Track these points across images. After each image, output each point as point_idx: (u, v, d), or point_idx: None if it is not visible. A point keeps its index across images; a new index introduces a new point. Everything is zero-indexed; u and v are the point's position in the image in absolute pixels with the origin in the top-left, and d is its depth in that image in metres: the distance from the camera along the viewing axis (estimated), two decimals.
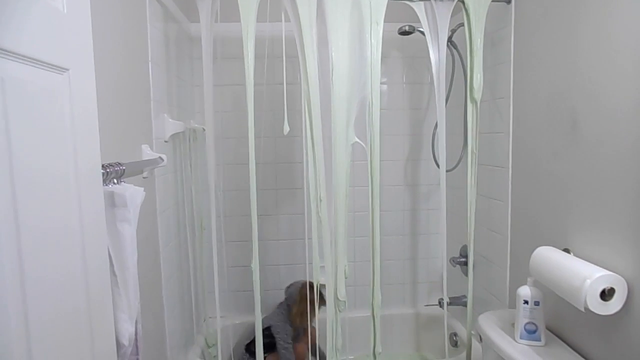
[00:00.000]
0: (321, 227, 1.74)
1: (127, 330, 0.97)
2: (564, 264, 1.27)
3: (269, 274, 2.58)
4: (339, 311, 1.79)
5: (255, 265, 1.73)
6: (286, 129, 1.72)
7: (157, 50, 1.72)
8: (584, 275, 1.16)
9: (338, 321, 1.80)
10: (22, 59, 0.64)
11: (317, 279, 1.79)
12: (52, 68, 0.73)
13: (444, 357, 1.98)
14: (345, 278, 1.79)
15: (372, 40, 1.69)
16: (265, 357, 1.91)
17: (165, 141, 1.81)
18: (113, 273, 0.96)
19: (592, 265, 1.22)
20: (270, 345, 2.11)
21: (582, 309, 1.16)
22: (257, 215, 1.72)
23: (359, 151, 1.85)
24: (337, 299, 1.78)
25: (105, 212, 0.94)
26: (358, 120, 1.75)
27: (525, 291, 1.42)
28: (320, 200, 1.73)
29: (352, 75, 1.72)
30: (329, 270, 1.77)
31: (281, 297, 2.34)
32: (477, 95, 1.79)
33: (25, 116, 0.65)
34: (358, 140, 1.74)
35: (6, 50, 0.61)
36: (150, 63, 1.63)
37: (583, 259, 1.30)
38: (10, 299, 0.59)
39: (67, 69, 0.77)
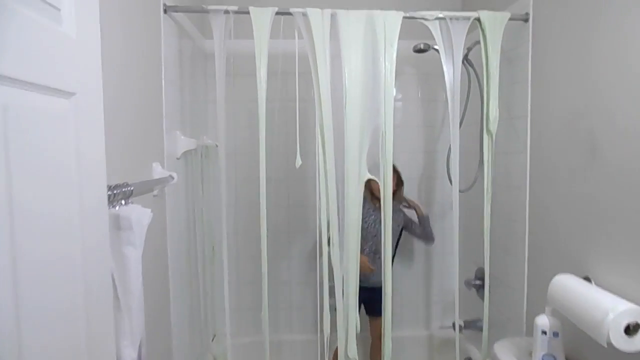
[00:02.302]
0: (332, 270, 1.72)
1: (129, 356, 0.95)
2: (584, 294, 1.21)
3: (280, 292, 2.54)
4: None
5: (264, 314, 1.71)
6: (298, 162, 1.70)
7: (170, 67, 1.73)
8: (607, 308, 1.10)
9: None
10: (27, 86, 0.64)
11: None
12: (57, 93, 0.72)
13: None
14: (357, 333, 1.75)
15: (386, 63, 1.67)
16: None
17: (177, 158, 1.80)
18: (116, 297, 0.94)
19: (615, 296, 1.16)
20: None
21: (605, 345, 1.09)
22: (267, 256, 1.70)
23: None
24: (347, 356, 1.73)
25: (109, 236, 0.93)
26: (370, 148, 1.72)
27: (543, 321, 1.36)
28: (333, 244, 1.70)
29: (365, 101, 1.69)
30: (339, 324, 1.73)
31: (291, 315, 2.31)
32: (493, 127, 1.75)
33: (28, 143, 0.64)
34: (370, 176, 1.71)
35: (10, 78, 0.60)
36: (163, 80, 1.63)
37: (605, 289, 1.24)
38: (4, 324, 0.57)
39: (74, 94, 0.76)
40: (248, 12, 1.63)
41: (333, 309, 1.75)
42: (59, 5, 0.72)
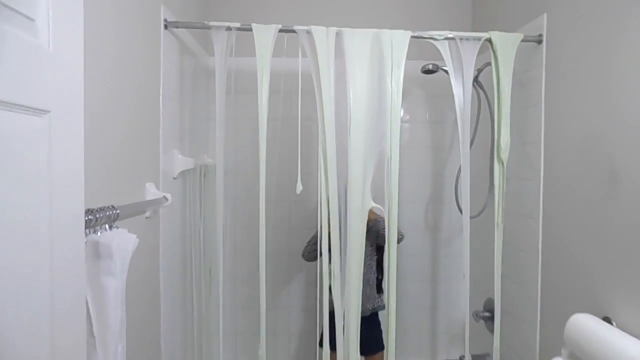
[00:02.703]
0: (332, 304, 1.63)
1: None
2: (606, 337, 1.11)
3: (279, 318, 2.44)
4: None
5: (262, 352, 1.63)
6: (299, 188, 1.62)
7: (170, 84, 1.67)
8: (631, 356, 1.00)
9: None
10: None
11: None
12: (28, 111, 0.66)
13: None
14: None
15: (393, 84, 1.60)
16: None
17: (174, 178, 1.74)
18: (91, 334, 0.86)
19: None
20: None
21: None
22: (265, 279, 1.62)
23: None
24: None
25: (87, 265, 0.86)
26: (376, 177, 1.64)
27: None
28: (334, 277, 1.61)
29: (370, 124, 1.61)
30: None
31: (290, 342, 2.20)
32: (504, 155, 1.67)
33: None
34: (375, 205, 1.62)
35: None
36: (161, 97, 1.58)
37: (628, 333, 1.14)
38: None
39: (48, 111, 0.70)
40: (251, 29, 1.58)
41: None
42: (32, 15, 0.66)
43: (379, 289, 2.01)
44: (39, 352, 0.69)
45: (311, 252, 2.03)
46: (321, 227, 1.62)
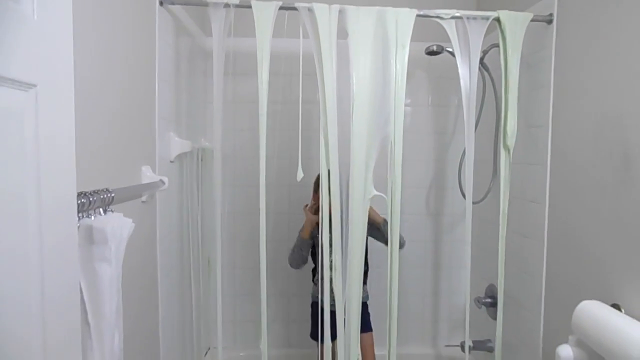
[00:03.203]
0: (333, 296, 1.59)
1: None
2: (616, 325, 1.08)
3: (278, 304, 2.42)
4: None
5: (264, 346, 1.59)
6: (300, 175, 1.57)
7: (165, 65, 1.61)
8: None
9: None
10: None
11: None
12: (12, 84, 0.61)
13: None
14: None
15: (397, 66, 1.54)
16: None
17: (171, 161, 1.69)
18: (86, 322, 0.82)
19: None
20: None
21: None
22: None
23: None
24: None
25: (80, 250, 0.82)
26: (378, 163, 1.58)
27: (566, 352, 1.22)
28: (335, 269, 1.57)
29: (374, 108, 1.55)
30: (339, 351, 1.59)
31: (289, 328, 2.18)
32: (511, 142, 1.62)
33: None
34: (377, 193, 1.57)
35: None
36: (157, 78, 1.52)
37: (638, 319, 1.11)
38: None
39: (34, 85, 0.65)
40: (250, 7, 1.51)
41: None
42: None
43: (364, 281, 1.98)
44: (31, 341, 0.65)
45: (298, 258, 1.97)
46: (322, 217, 1.56)
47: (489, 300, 2.07)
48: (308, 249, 1.98)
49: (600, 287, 1.32)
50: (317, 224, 1.82)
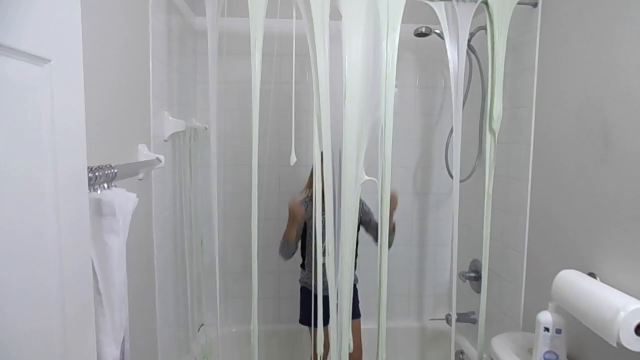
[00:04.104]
0: (326, 280, 1.62)
1: (111, 355, 0.87)
2: (592, 291, 1.17)
3: (268, 282, 2.47)
4: None
5: (254, 327, 1.63)
6: (293, 159, 1.58)
7: (158, 43, 1.62)
8: (617, 307, 1.06)
9: None
10: None
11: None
12: (29, 58, 0.63)
13: None
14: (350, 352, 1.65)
15: (388, 50, 1.57)
16: None
17: (165, 140, 1.70)
18: (97, 291, 0.85)
19: (625, 295, 1.11)
20: None
21: (614, 344, 1.05)
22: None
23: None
24: None
25: (90, 222, 0.84)
26: (368, 147, 1.60)
27: (546, 317, 1.31)
28: (328, 254, 1.60)
29: (366, 93, 1.57)
30: (332, 341, 1.63)
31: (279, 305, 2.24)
32: (496, 125, 1.67)
33: None
34: (369, 177, 1.59)
35: None
36: (150, 57, 1.53)
37: (612, 286, 1.20)
38: None
39: (49, 60, 0.67)
40: None
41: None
42: None
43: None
44: (52, 307, 0.68)
45: (290, 248, 1.99)
46: (315, 201, 1.58)
47: (472, 274, 2.16)
48: (296, 243, 2.01)
49: (578, 258, 1.40)
50: (304, 214, 1.86)
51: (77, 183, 0.77)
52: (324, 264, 1.62)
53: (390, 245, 1.78)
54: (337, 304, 1.63)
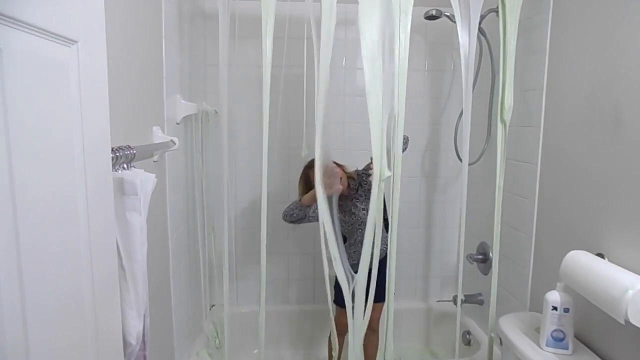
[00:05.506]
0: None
1: (135, 328, 0.90)
2: (601, 271, 1.19)
3: (279, 263, 2.51)
4: None
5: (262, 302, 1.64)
6: (304, 152, 1.56)
7: (171, 26, 1.63)
8: (625, 286, 1.08)
9: None
10: (26, 28, 0.56)
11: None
12: (59, 39, 0.65)
13: (454, 354, 1.89)
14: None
15: (401, 36, 1.54)
16: None
17: (177, 123, 1.72)
18: (121, 267, 0.89)
19: (633, 273, 1.13)
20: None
21: (622, 322, 1.07)
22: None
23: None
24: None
25: (113, 200, 0.87)
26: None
27: (554, 297, 1.34)
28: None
29: (382, 81, 1.51)
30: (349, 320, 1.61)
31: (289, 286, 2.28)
32: (508, 116, 1.66)
33: (26, 92, 0.57)
34: (390, 173, 1.55)
35: (8, 17, 0.52)
36: (163, 40, 1.54)
37: (620, 266, 1.22)
38: (5, 286, 0.52)
39: (76, 41, 0.69)
40: None
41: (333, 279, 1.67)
42: None
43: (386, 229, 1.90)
44: (81, 280, 0.71)
45: (300, 213, 1.99)
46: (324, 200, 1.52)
47: (480, 257, 2.18)
48: (306, 213, 2.01)
49: (586, 239, 1.42)
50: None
51: (103, 162, 0.79)
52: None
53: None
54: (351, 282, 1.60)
